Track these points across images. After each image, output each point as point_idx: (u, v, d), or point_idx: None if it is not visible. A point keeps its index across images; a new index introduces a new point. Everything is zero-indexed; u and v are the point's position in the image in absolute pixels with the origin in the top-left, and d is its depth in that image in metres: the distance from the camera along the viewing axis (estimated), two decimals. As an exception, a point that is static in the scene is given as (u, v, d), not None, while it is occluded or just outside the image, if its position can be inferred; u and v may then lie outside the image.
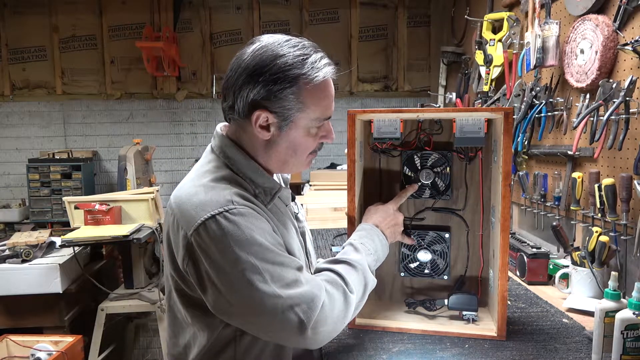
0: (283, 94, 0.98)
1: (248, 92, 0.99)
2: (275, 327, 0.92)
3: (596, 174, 1.51)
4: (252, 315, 0.92)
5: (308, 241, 1.24)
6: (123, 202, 2.73)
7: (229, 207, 0.94)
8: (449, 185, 1.32)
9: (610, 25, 1.47)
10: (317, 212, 2.70)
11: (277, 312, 0.90)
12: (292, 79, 0.98)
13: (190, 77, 4.02)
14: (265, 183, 1.06)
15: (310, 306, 0.92)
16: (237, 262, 0.91)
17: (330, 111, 1.06)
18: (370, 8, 4.03)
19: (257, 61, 0.98)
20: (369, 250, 1.13)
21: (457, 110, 1.59)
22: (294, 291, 0.92)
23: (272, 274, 0.92)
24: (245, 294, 0.91)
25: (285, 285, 0.92)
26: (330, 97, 1.05)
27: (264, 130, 1.02)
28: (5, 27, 3.88)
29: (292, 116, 1.01)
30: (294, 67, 0.98)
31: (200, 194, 0.98)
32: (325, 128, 1.08)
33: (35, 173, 3.54)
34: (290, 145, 1.05)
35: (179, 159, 4.06)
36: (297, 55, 0.99)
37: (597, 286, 1.38)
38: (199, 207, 0.95)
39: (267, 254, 0.93)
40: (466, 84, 2.82)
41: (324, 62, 1.01)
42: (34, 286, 2.50)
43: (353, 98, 4.08)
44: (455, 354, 1.10)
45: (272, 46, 1.00)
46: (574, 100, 1.68)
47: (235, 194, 0.98)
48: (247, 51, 1.01)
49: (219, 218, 0.92)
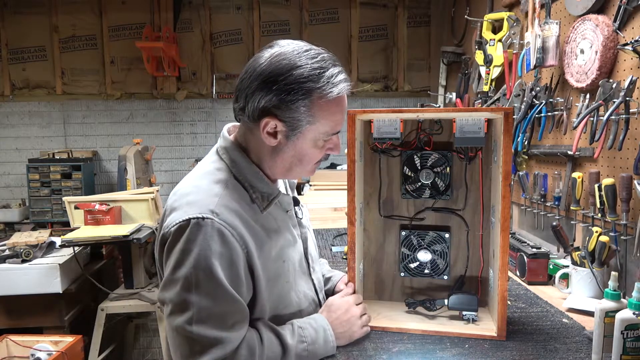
0: (295, 105, 0.97)
1: (260, 98, 0.98)
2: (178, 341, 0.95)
3: (596, 174, 1.51)
4: (171, 321, 0.96)
5: (311, 245, 1.24)
6: (123, 202, 2.73)
7: (207, 215, 0.95)
8: (449, 185, 1.32)
9: (610, 25, 1.47)
10: (317, 212, 2.70)
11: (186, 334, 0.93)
12: (306, 91, 0.97)
13: (190, 77, 4.02)
14: (264, 188, 1.06)
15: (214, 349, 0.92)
16: (181, 270, 0.94)
17: (340, 126, 1.05)
18: (370, 8, 4.03)
19: (272, 68, 0.97)
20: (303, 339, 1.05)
21: (457, 110, 1.59)
22: (204, 332, 0.92)
23: (200, 304, 0.93)
24: (173, 299, 0.94)
25: (202, 322, 0.93)
26: (342, 112, 1.04)
27: (271, 137, 1.02)
28: (5, 27, 3.88)
29: (301, 127, 1.00)
30: (310, 80, 0.97)
31: (192, 195, 1.00)
32: (333, 141, 1.07)
33: (35, 173, 3.54)
34: (296, 154, 1.05)
35: (179, 159, 4.06)
36: (315, 68, 0.97)
37: (597, 286, 1.38)
38: (184, 208, 0.98)
39: (209, 281, 0.93)
40: (466, 84, 2.82)
41: (340, 78, 1.00)
42: (34, 286, 2.50)
43: (353, 98, 4.07)
44: (455, 354, 1.10)
45: (291, 55, 0.98)
46: (574, 100, 1.68)
47: (223, 206, 0.98)
48: (264, 55, 1.00)
49: (192, 222, 0.94)
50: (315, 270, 1.24)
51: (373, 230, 1.40)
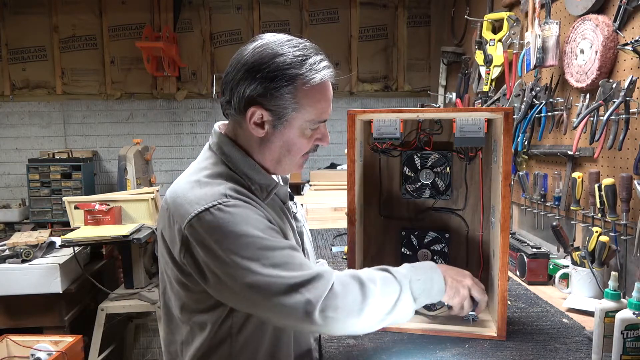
0: (279, 92, 0.98)
1: (245, 88, 0.99)
2: (281, 310, 0.91)
3: (596, 174, 1.51)
4: (258, 300, 0.92)
5: (306, 241, 1.25)
6: (123, 202, 2.73)
7: (223, 200, 0.95)
8: (449, 185, 1.32)
9: (610, 25, 1.47)
10: (317, 212, 2.70)
11: (281, 294, 0.90)
12: (290, 78, 0.98)
13: (190, 77, 4.02)
14: (262, 180, 1.07)
15: (316, 286, 0.91)
16: (234, 250, 0.92)
17: (326, 114, 1.06)
18: (370, 8, 4.03)
19: (256, 58, 0.99)
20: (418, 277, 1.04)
21: (457, 110, 1.59)
22: (297, 273, 0.92)
23: (272, 258, 0.92)
24: (247, 281, 0.91)
25: (287, 267, 0.92)
26: (327, 100, 1.05)
27: (258, 128, 1.03)
28: (5, 27, 3.88)
29: (287, 115, 1.01)
30: (292, 67, 0.98)
31: (196, 189, 0.99)
32: (321, 131, 1.08)
33: (35, 173, 3.54)
34: (284, 144, 1.05)
35: (179, 159, 4.06)
36: (297, 55, 0.99)
37: (597, 286, 1.38)
38: (194, 201, 0.96)
39: (264, 242, 0.93)
40: (466, 84, 2.82)
41: (323, 65, 1.01)
42: (34, 286, 2.50)
43: (353, 98, 4.08)
44: (455, 354, 1.10)
45: (273, 44, 1.00)
46: (574, 100, 1.68)
47: (230, 189, 0.99)
48: (248, 48, 1.02)
49: (213, 210, 0.94)
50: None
51: (373, 230, 1.40)
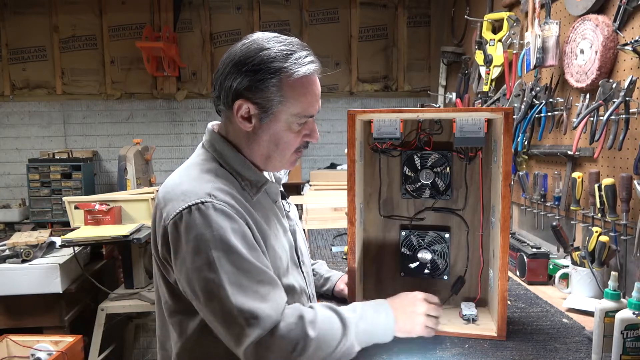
0: (264, 84, 1.01)
1: (232, 82, 1.02)
2: (219, 327, 0.95)
3: (596, 174, 1.51)
4: (206, 307, 0.95)
5: (300, 239, 1.25)
6: (123, 202, 2.73)
7: (206, 199, 0.96)
8: (449, 185, 1.32)
9: (610, 25, 1.47)
10: (317, 212, 2.69)
11: (224, 314, 0.92)
12: (274, 70, 1.00)
13: (190, 77, 4.02)
14: (252, 176, 1.08)
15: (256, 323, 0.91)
16: (200, 256, 0.93)
17: (313, 109, 1.07)
18: (370, 8, 4.03)
19: (243, 53, 1.02)
20: (365, 319, 1.05)
21: (457, 110, 1.59)
22: (246, 301, 0.92)
23: (230, 276, 0.93)
24: (202, 287, 0.94)
25: (241, 292, 0.92)
26: (313, 94, 1.06)
27: (245, 122, 1.04)
28: (5, 27, 3.88)
29: (272, 108, 1.03)
30: (277, 60, 1.01)
31: (184, 184, 1.01)
32: (309, 127, 1.09)
33: (35, 173, 3.54)
34: (271, 138, 1.06)
35: (179, 159, 4.06)
36: (282, 50, 1.02)
37: (597, 286, 1.38)
38: (180, 198, 0.98)
39: (231, 257, 0.94)
40: (466, 84, 2.82)
41: (307, 60, 1.04)
42: (34, 286, 2.49)
43: (353, 98, 4.08)
44: (455, 354, 1.10)
45: (260, 40, 1.04)
46: (574, 100, 1.68)
47: (217, 189, 1.00)
48: (237, 45, 1.05)
49: (193, 209, 0.95)
50: (305, 264, 1.25)
51: (373, 230, 1.40)
